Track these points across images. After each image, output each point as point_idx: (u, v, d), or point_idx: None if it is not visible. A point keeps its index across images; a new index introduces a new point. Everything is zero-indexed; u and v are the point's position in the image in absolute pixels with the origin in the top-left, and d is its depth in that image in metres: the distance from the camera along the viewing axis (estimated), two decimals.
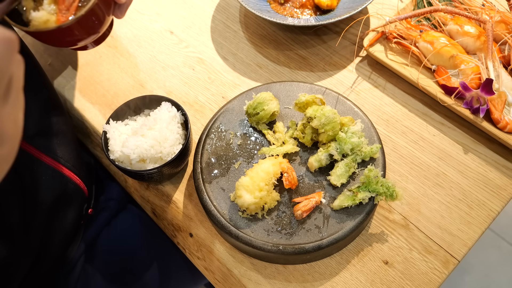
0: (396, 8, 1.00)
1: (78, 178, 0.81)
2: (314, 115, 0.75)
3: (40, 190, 0.73)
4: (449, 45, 0.88)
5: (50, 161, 0.76)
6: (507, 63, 0.87)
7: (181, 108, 0.80)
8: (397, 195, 0.70)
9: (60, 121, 0.82)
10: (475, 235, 0.75)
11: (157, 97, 0.82)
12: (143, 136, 0.76)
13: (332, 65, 0.97)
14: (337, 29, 1.02)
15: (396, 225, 0.77)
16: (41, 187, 0.74)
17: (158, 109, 0.80)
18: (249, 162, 0.79)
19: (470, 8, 0.92)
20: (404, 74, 0.89)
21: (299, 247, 0.69)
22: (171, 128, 0.78)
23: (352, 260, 0.75)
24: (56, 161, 0.77)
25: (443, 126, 0.87)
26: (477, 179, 0.80)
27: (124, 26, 1.08)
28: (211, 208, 0.74)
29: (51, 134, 0.79)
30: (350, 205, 0.71)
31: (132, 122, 0.81)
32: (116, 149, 0.76)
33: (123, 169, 0.75)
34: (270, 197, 0.72)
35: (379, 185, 0.71)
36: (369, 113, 0.88)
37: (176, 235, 0.83)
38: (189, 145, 0.79)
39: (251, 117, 0.81)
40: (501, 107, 0.81)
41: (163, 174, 0.78)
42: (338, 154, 0.74)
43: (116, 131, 0.79)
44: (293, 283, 0.74)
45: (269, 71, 0.97)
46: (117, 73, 1.01)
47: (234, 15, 1.08)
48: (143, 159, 0.76)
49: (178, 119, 0.80)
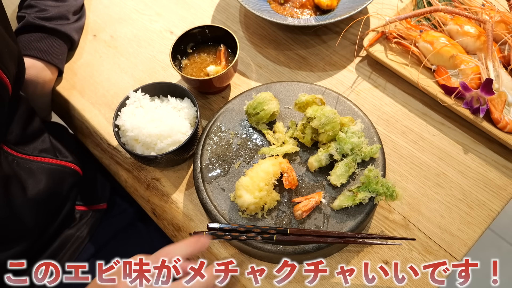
0: (396, 8, 1.00)
1: (70, 163, 0.88)
2: (314, 115, 0.75)
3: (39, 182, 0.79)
4: (449, 45, 0.88)
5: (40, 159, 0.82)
6: (507, 63, 0.87)
7: (195, 103, 0.83)
8: (397, 195, 0.70)
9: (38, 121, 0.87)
10: (475, 235, 0.75)
11: (180, 88, 0.85)
12: (156, 121, 0.80)
13: (332, 65, 0.97)
14: (337, 29, 1.02)
15: (396, 225, 0.77)
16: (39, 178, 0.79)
17: (175, 99, 0.84)
18: (249, 162, 0.79)
19: (470, 8, 0.92)
20: (404, 74, 0.89)
21: (299, 247, 0.69)
22: (182, 118, 0.82)
23: (352, 260, 0.75)
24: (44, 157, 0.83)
25: (443, 126, 0.86)
26: (477, 179, 0.80)
27: (124, 26, 1.08)
28: (211, 208, 0.74)
29: (33, 135, 0.85)
30: (350, 205, 0.71)
31: (150, 103, 0.84)
32: (127, 127, 0.80)
33: (130, 152, 0.79)
34: (270, 197, 0.72)
35: (379, 185, 0.70)
36: (369, 113, 0.88)
37: (176, 235, 0.83)
38: (197, 133, 0.82)
39: (251, 117, 0.81)
40: (501, 107, 0.81)
41: (170, 159, 0.81)
42: (338, 154, 0.74)
43: (137, 102, 0.83)
44: (293, 283, 0.74)
45: (269, 71, 0.97)
46: (117, 73, 1.01)
47: (234, 15, 1.08)
48: (151, 142, 0.80)
49: (189, 110, 0.84)
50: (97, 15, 1.11)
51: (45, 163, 0.82)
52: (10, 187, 0.73)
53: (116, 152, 0.91)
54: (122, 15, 1.10)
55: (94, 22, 1.09)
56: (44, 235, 0.84)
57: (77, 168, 0.89)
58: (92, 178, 0.99)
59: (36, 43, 0.92)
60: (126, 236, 0.98)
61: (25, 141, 0.82)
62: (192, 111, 0.83)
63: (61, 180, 0.85)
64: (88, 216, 0.94)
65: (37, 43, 0.92)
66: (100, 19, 1.10)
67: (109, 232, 0.97)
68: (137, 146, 0.80)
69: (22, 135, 0.81)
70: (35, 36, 0.93)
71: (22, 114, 0.82)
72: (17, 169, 0.77)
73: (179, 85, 0.84)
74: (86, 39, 1.06)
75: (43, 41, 0.93)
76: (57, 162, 0.85)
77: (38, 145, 0.85)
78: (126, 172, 0.90)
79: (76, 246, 0.90)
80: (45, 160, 0.83)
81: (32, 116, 0.86)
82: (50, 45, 0.94)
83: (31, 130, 0.84)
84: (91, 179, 0.99)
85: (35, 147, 0.84)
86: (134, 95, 0.84)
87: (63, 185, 0.86)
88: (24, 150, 0.81)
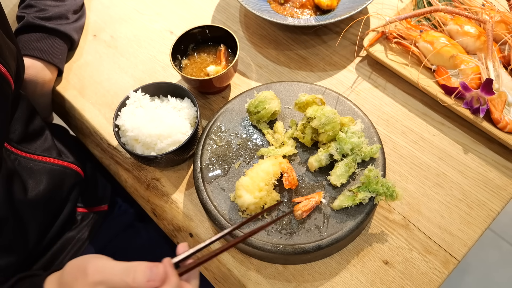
0: (396, 8, 1.00)
1: (72, 164, 0.88)
2: (314, 115, 0.75)
3: (40, 181, 0.79)
4: (449, 45, 0.88)
5: (43, 158, 0.82)
6: (507, 63, 0.87)
7: (195, 103, 0.83)
8: (397, 195, 0.70)
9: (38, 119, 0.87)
10: (475, 235, 0.75)
11: (180, 88, 0.84)
12: (156, 121, 0.80)
13: (332, 65, 0.97)
14: (337, 29, 1.02)
15: (396, 225, 0.77)
16: (41, 178, 0.80)
17: (175, 99, 0.84)
18: (249, 162, 0.79)
19: (470, 8, 0.92)
20: (404, 74, 0.89)
21: (299, 247, 0.69)
22: (182, 118, 0.82)
23: (352, 260, 0.75)
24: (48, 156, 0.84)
25: (443, 126, 0.87)
26: (477, 179, 0.80)
27: (124, 26, 1.08)
28: (211, 208, 0.74)
29: (35, 134, 0.85)
30: (350, 205, 0.71)
31: (150, 103, 0.84)
32: (127, 127, 0.80)
33: (130, 152, 0.79)
34: (270, 197, 0.72)
35: (379, 185, 0.70)
36: (369, 113, 0.88)
37: (176, 235, 0.83)
38: (197, 133, 0.82)
39: (252, 115, 0.81)
40: (501, 107, 0.81)
41: (170, 159, 0.81)
42: (338, 154, 0.74)
43: (137, 102, 0.84)
44: (293, 283, 0.74)
45: (269, 71, 0.97)
46: (117, 73, 1.01)
47: (234, 15, 1.08)
48: (151, 141, 0.80)
49: (189, 111, 0.84)
50: (97, 15, 1.11)
51: (47, 163, 0.82)
52: (12, 187, 0.73)
53: (116, 152, 0.91)
54: (122, 15, 1.10)
55: (94, 22, 1.09)
56: (45, 238, 0.84)
57: (79, 170, 0.89)
58: (93, 180, 0.99)
59: (35, 43, 0.92)
60: (126, 237, 0.98)
61: (27, 139, 0.82)
62: (192, 111, 0.83)
63: (62, 181, 0.85)
64: (89, 218, 0.94)
65: (36, 43, 0.92)
66: (100, 19, 1.10)
67: (109, 234, 0.97)
68: (137, 146, 0.80)
69: (24, 133, 0.81)
70: (35, 36, 0.93)
71: (24, 112, 0.82)
72: (19, 169, 0.77)
73: (179, 85, 0.84)
74: (86, 39, 1.06)
75: (42, 41, 0.93)
76: (59, 162, 0.85)
77: (40, 143, 0.84)
78: (126, 172, 0.90)
79: (76, 249, 0.90)
80: (47, 160, 0.83)
81: (34, 115, 0.86)
82: (50, 44, 0.94)
83: (33, 128, 0.84)
84: (92, 180, 0.99)
85: (38, 145, 0.84)
86: (134, 95, 0.84)
87: (63, 186, 0.85)
88: (27, 148, 0.80)
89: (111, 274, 0.51)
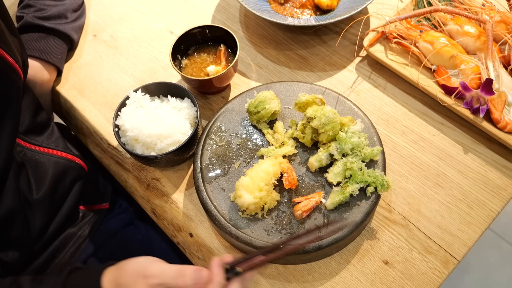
0: (396, 8, 1.00)
1: (77, 158, 0.88)
2: (314, 115, 0.75)
3: (45, 173, 0.80)
4: (449, 45, 0.88)
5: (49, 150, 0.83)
6: (507, 63, 0.87)
7: (195, 103, 0.83)
8: (388, 184, 0.70)
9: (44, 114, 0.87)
10: (475, 235, 0.75)
11: (180, 88, 0.84)
12: (156, 121, 0.80)
13: (332, 65, 0.97)
14: (337, 29, 1.02)
15: (396, 225, 0.77)
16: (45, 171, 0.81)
17: (175, 99, 0.84)
18: (249, 162, 0.79)
19: (470, 8, 0.92)
20: (404, 74, 0.89)
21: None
22: (182, 118, 0.82)
23: (352, 260, 0.75)
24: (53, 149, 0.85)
25: (443, 126, 0.87)
26: (477, 179, 0.80)
27: (124, 26, 1.08)
28: (211, 208, 0.74)
29: (42, 127, 0.86)
30: (342, 200, 0.71)
31: (150, 103, 0.84)
32: (127, 127, 0.80)
33: (130, 152, 0.79)
34: (270, 197, 0.72)
35: (366, 175, 0.71)
36: (369, 113, 0.88)
37: (176, 235, 0.83)
38: (197, 133, 0.82)
39: (252, 115, 0.81)
40: (501, 107, 0.81)
41: (170, 159, 0.81)
42: (338, 153, 0.74)
43: (137, 102, 0.84)
44: (293, 283, 0.74)
45: (269, 71, 0.97)
46: (117, 73, 1.01)
47: (234, 15, 1.08)
48: (151, 142, 0.80)
49: (189, 111, 0.84)
50: (97, 15, 1.11)
51: (53, 155, 0.82)
52: (18, 180, 0.74)
53: (116, 152, 0.91)
54: (122, 15, 1.10)
55: (94, 22, 1.09)
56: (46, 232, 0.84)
57: (83, 164, 0.90)
58: (94, 178, 0.99)
59: (34, 43, 0.92)
60: (125, 236, 0.98)
61: (35, 131, 0.82)
62: (192, 111, 0.83)
63: (66, 174, 0.85)
64: (90, 216, 0.94)
65: (35, 43, 0.92)
66: (100, 19, 1.10)
67: (108, 232, 0.97)
68: (137, 146, 0.80)
69: (32, 125, 0.81)
70: (34, 35, 0.93)
71: (30, 103, 0.82)
72: (24, 161, 0.77)
73: (179, 85, 0.84)
74: (86, 39, 1.06)
75: (41, 40, 0.93)
76: (65, 155, 0.85)
77: (48, 136, 0.85)
78: (126, 172, 0.90)
79: (77, 246, 0.90)
80: (53, 152, 0.83)
81: (40, 107, 0.86)
82: (49, 44, 0.94)
83: (40, 120, 0.84)
84: (94, 178, 0.99)
85: (45, 138, 0.84)
86: (134, 95, 0.84)
87: (67, 180, 0.86)
88: (35, 140, 0.81)
89: (167, 277, 0.60)
